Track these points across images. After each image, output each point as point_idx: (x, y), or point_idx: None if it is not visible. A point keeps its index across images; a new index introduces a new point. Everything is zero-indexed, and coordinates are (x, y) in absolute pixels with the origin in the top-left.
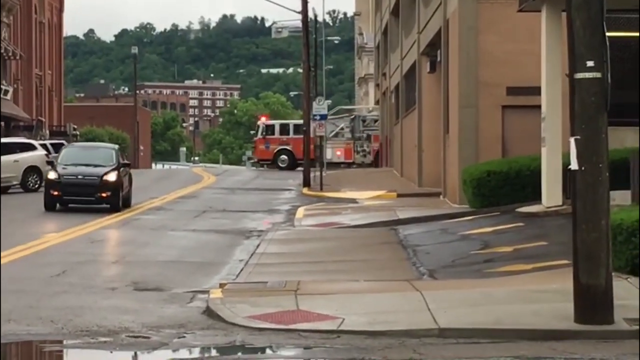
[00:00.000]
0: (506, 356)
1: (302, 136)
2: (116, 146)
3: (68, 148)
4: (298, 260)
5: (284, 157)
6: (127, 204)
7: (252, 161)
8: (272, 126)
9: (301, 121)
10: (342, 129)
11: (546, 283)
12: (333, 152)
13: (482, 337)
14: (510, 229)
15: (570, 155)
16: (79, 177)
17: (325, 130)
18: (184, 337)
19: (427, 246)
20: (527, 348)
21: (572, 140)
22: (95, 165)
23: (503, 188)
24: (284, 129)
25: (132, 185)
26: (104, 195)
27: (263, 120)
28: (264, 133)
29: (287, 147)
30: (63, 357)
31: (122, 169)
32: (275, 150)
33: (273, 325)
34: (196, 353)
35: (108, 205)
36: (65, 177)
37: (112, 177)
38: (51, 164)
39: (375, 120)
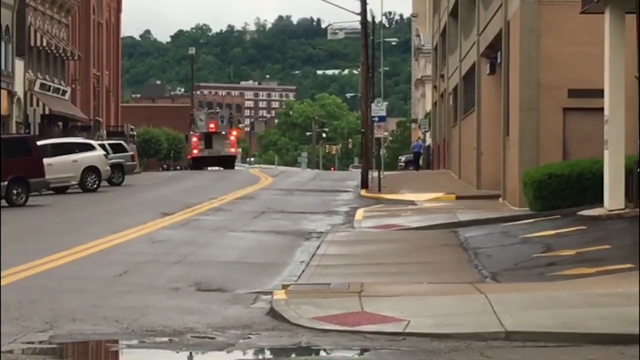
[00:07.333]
0: None
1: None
2: None
3: None
4: (359, 262)
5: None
6: None
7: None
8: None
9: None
10: None
11: (611, 287)
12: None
13: (548, 340)
14: (572, 232)
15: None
16: None
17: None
18: (250, 338)
19: (489, 249)
20: (596, 352)
21: None
22: None
23: (564, 191)
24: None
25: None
26: None
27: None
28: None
29: None
30: (132, 357)
31: None
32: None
33: (338, 327)
34: (263, 354)
35: None
36: None
37: None
38: None
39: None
